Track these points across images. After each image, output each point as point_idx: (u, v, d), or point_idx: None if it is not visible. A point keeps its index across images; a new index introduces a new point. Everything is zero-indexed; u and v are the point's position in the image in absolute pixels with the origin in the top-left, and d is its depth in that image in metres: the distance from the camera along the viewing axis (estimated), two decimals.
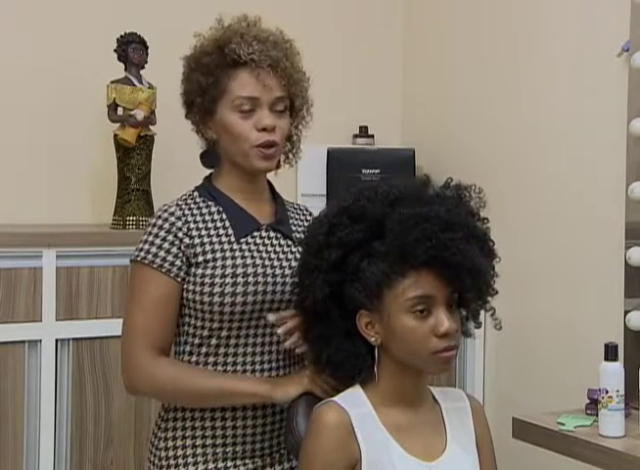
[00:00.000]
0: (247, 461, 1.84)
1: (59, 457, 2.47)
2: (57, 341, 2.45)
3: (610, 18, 2.58)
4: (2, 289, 2.41)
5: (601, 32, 2.61)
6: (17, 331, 2.41)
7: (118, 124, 2.74)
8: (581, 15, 2.69)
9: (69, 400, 2.48)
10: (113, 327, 2.24)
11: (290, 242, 1.90)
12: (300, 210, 2.03)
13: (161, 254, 1.80)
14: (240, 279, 1.79)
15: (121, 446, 2.53)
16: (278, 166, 1.96)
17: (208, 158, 1.92)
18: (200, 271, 1.80)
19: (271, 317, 1.81)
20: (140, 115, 2.71)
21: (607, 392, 2.08)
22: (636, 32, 2.46)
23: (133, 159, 2.74)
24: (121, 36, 2.75)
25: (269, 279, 1.82)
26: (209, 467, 1.82)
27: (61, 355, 2.46)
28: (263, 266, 1.82)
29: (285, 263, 1.86)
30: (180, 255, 1.80)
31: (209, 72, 1.83)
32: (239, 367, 1.83)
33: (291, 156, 1.97)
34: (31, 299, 2.44)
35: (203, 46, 1.87)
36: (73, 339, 2.48)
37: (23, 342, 2.43)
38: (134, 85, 2.75)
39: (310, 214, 2.03)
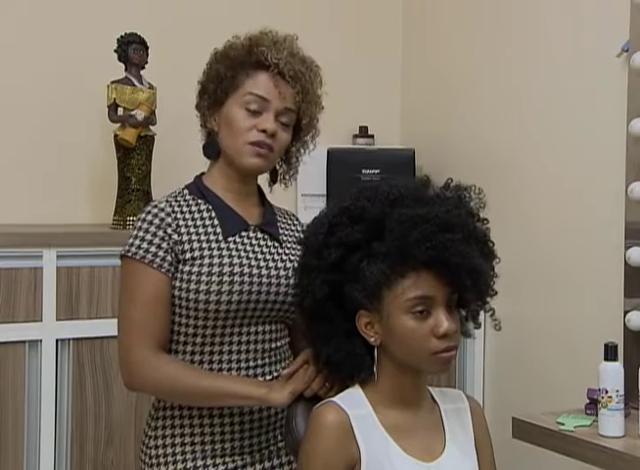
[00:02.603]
0: (235, 458, 1.85)
1: (59, 457, 2.47)
2: (57, 341, 2.45)
3: (610, 18, 2.58)
4: (2, 289, 2.40)
5: (601, 32, 2.61)
6: (17, 331, 2.41)
7: (119, 125, 2.74)
8: (581, 15, 2.69)
9: (70, 400, 2.48)
10: (113, 327, 2.22)
11: (277, 243, 1.91)
12: (288, 215, 2.04)
13: (152, 249, 1.80)
14: (226, 278, 1.80)
15: (122, 445, 2.53)
16: (274, 181, 1.99)
17: (210, 149, 1.92)
18: (187, 269, 1.81)
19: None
20: (140, 115, 2.71)
21: (606, 392, 2.08)
22: (636, 32, 2.46)
23: (133, 159, 2.74)
24: (122, 36, 2.75)
25: (255, 279, 1.83)
26: (198, 464, 1.83)
27: (61, 355, 2.46)
28: (249, 266, 1.83)
29: (271, 264, 1.87)
30: (170, 250, 1.81)
31: (231, 66, 1.86)
32: (224, 365, 1.83)
33: (287, 177, 2.00)
34: (32, 299, 2.43)
35: (234, 43, 1.90)
36: (74, 339, 2.48)
37: (24, 342, 2.43)
38: (134, 85, 2.75)
39: (297, 220, 2.05)
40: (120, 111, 2.75)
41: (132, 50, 2.74)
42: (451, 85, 3.20)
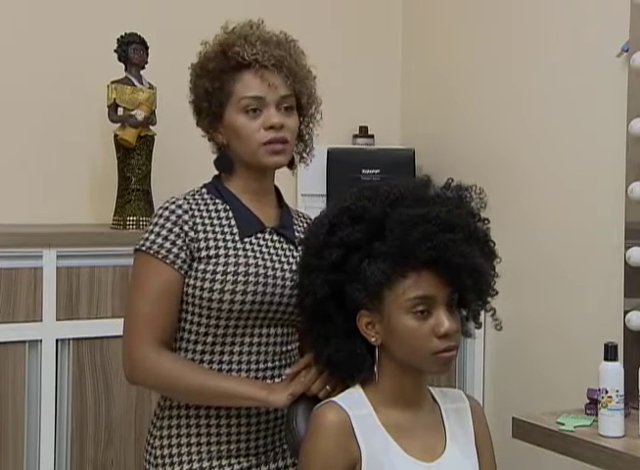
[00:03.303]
0: (241, 460, 1.85)
1: (59, 457, 2.47)
2: (57, 341, 2.45)
3: (609, 18, 2.58)
4: (2, 289, 2.40)
5: (601, 32, 2.61)
6: (17, 331, 2.41)
7: (119, 125, 2.75)
8: (581, 15, 2.69)
9: (70, 400, 2.48)
10: (113, 327, 2.24)
11: (292, 246, 1.91)
12: (305, 218, 2.03)
13: (167, 245, 1.80)
14: (241, 278, 1.80)
15: (122, 445, 2.53)
16: (293, 166, 1.97)
17: (222, 163, 1.92)
18: (202, 267, 1.81)
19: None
20: (140, 115, 2.71)
21: (606, 392, 2.08)
22: (636, 32, 2.46)
23: (133, 159, 2.75)
24: (122, 36, 2.76)
25: (270, 281, 1.83)
26: (204, 465, 1.83)
27: (61, 355, 2.46)
28: (265, 268, 1.83)
29: (286, 267, 1.86)
30: (185, 248, 1.81)
31: (215, 78, 1.85)
32: (234, 366, 1.83)
33: (305, 155, 1.98)
34: (31, 299, 2.43)
35: (207, 52, 1.89)
36: (73, 339, 2.48)
37: (24, 342, 2.43)
38: (134, 85, 2.75)
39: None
40: (120, 111, 2.75)
41: (132, 50, 2.74)
42: (451, 85, 3.20)
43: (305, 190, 3.13)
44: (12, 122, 2.82)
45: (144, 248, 1.82)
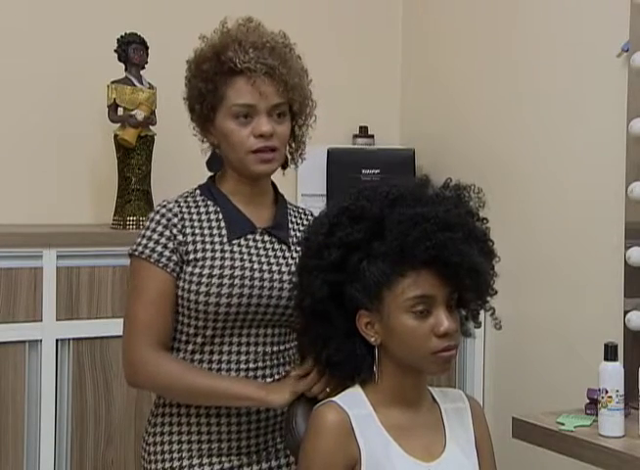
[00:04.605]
0: (232, 458, 1.86)
1: (59, 457, 2.47)
2: (57, 341, 2.46)
3: (609, 18, 2.58)
4: (2, 289, 2.41)
5: (601, 32, 2.61)
6: (17, 331, 2.41)
7: (119, 125, 2.75)
8: (581, 15, 2.69)
9: (70, 400, 2.48)
10: (113, 327, 2.25)
11: (284, 247, 1.90)
12: (305, 214, 2.02)
13: (159, 249, 1.82)
14: (226, 281, 1.80)
15: (122, 445, 2.53)
16: (285, 166, 1.97)
17: (213, 163, 1.93)
18: (189, 269, 1.82)
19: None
20: (140, 115, 2.71)
21: (606, 392, 2.08)
22: (636, 32, 2.46)
23: (133, 159, 2.75)
24: (122, 36, 2.76)
25: (256, 283, 1.83)
26: (194, 462, 1.84)
27: (61, 355, 2.47)
28: (251, 270, 1.83)
29: (275, 268, 1.86)
30: (175, 251, 1.83)
31: (208, 79, 1.85)
32: (224, 366, 1.84)
33: (296, 156, 1.98)
34: (32, 299, 2.44)
35: (203, 51, 1.89)
36: (74, 339, 2.48)
37: (24, 342, 2.43)
38: (134, 85, 2.75)
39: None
40: (120, 111, 2.75)
41: (132, 50, 2.75)
42: (451, 85, 3.20)
43: (305, 190, 3.13)
44: (12, 122, 2.82)
45: (137, 253, 1.84)
